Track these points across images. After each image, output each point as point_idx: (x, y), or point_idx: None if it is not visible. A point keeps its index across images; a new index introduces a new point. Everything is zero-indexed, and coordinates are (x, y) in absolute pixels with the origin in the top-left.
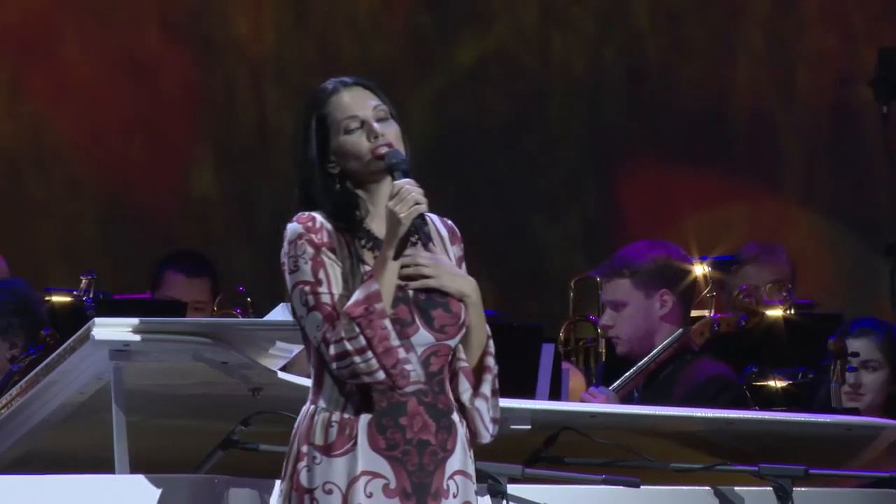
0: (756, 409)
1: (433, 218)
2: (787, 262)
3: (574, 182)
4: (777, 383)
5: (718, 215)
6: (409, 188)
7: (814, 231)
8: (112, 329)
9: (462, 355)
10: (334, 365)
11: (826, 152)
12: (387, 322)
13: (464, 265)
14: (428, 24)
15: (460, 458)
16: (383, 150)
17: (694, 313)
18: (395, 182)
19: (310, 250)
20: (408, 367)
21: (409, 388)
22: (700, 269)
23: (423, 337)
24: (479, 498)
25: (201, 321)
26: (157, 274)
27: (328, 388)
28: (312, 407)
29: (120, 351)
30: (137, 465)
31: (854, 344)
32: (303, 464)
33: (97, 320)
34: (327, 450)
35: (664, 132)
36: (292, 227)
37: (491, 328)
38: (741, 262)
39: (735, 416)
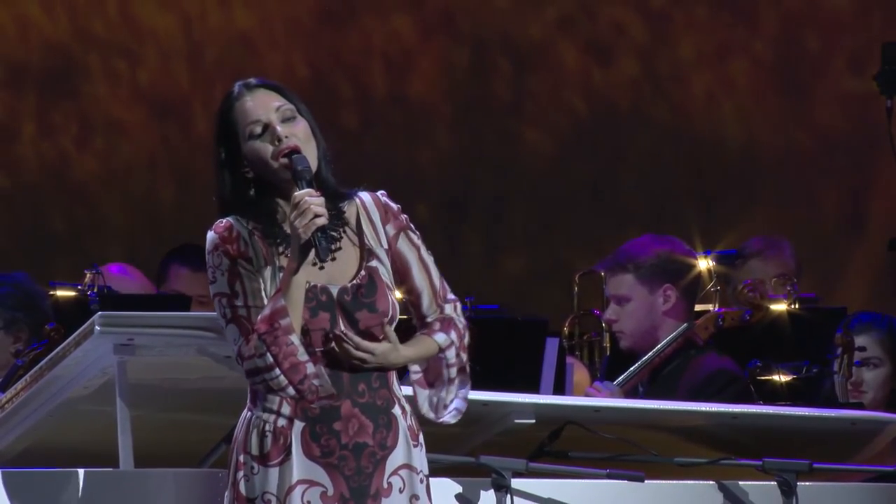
0: (760, 404)
1: (365, 199)
2: (792, 257)
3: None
4: (781, 378)
5: (722, 213)
6: (309, 200)
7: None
8: (116, 323)
9: (414, 368)
10: (249, 381)
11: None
12: (292, 338)
13: (405, 236)
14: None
15: (403, 453)
16: (286, 152)
17: (698, 308)
18: (295, 194)
19: (226, 262)
20: (315, 381)
21: (319, 404)
22: (705, 264)
23: None
24: (482, 492)
25: (205, 315)
26: (162, 268)
27: (261, 396)
28: (249, 414)
29: (124, 345)
30: (141, 460)
31: (855, 339)
32: (241, 473)
33: (101, 314)
34: (263, 459)
35: None
36: (210, 237)
37: (495, 323)
38: (746, 257)
39: (739, 410)
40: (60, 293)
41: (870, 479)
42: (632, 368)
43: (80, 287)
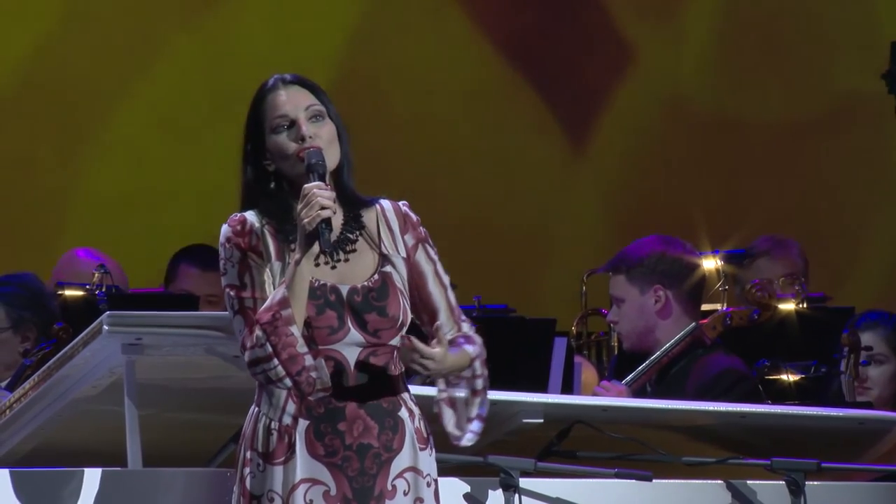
0: (768, 403)
1: (385, 206)
2: (800, 256)
3: None
4: (790, 377)
5: (730, 206)
6: (317, 192)
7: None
8: (124, 323)
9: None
10: (249, 371)
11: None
12: (293, 329)
13: (423, 248)
14: None
15: (409, 456)
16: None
17: (706, 307)
18: (304, 186)
19: (237, 254)
20: (313, 374)
21: (314, 397)
22: (712, 263)
23: (353, 339)
24: (490, 491)
25: (214, 315)
26: (171, 267)
27: (267, 393)
28: (256, 410)
29: (132, 345)
30: (150, 459)
31: (861, 337)
32: (248, 470)
33: (110, 314)
34: (269, 457)
35: None
36: (223, 230)
37: (502, 322)
38: (754, 256)
39: (747, 409)
40: (68, 293)
41: (878, 478)
42: (640, 368)
43: (88, 286)
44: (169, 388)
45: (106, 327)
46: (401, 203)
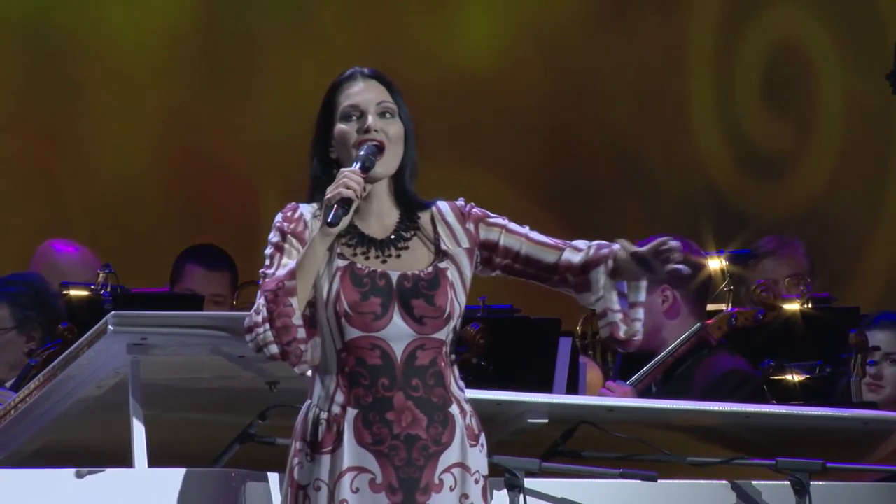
0: (773, 403)
1: (441, 206)
2: (805, 256)
3: None
4: (795, 377)
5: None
6: (347, 173)
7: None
8: (129, 323)
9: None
10: (245, 338)
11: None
12: (292, 300)
13: (485, 224)
14: None
15: (459, 451)
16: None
17: (711, 307)
18: (342, 169)
19: (278, 236)
20: (302, 346)
21: (300, 369)
22: (717, 264)
23: (398, 329)
24: (495, 492)
25: (219, 315)
26: (176, 267)
27: (318, 385)
28: (308, 402)
29: (137, 345)
30: (155, 459)
31: (878, 336)
32: (297, 460)
33: (115, 314)
34: (317, 447)
35: None
36: (277, 215)
37: (507, 322)
38: (759, 257)
39: (752, 409)
40: (73, 293)
41: (883, 478)
42: (645, 368)
43: (93, 286)
44: (174, 387)
45: (111, 327)
46: (456, 201)
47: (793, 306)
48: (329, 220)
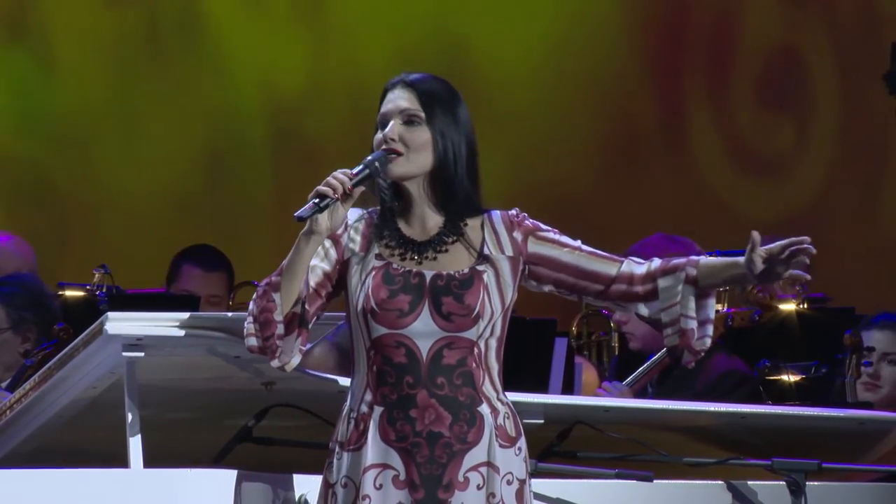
0: (769, 404)
1: (493, 214)
2: None
3: None
4: (790, 378)
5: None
6: (336, 172)
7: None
8: (125, 323)
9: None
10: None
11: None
12: (276, 295)
13: (534, 237)
14: None
15: (486, 451)
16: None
17: None
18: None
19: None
20: (279, 342)
21: (276, 363)
22: None
23: (423, 326)
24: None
25: (214, 315)
26: (173, 268)
27: (351, 386)
28: (346, 403)
29: (133, 345)
30: (150, 460)
31: (876, 336)
32: (330, 460)
33: (110, 314)
34: (345, 445)
35: None
36: None
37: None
38: None
39: (748, 410)
40: (69, 293)
41: (879, 478)
42: (641, 368)
43: (88, 287)
44: (170, 388)
45: (107, 328)
46: (510, 211)
47: (789, 307)
48: (297, 213)
